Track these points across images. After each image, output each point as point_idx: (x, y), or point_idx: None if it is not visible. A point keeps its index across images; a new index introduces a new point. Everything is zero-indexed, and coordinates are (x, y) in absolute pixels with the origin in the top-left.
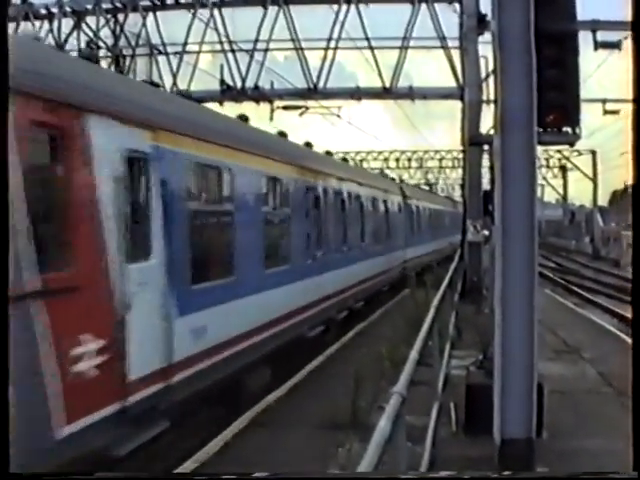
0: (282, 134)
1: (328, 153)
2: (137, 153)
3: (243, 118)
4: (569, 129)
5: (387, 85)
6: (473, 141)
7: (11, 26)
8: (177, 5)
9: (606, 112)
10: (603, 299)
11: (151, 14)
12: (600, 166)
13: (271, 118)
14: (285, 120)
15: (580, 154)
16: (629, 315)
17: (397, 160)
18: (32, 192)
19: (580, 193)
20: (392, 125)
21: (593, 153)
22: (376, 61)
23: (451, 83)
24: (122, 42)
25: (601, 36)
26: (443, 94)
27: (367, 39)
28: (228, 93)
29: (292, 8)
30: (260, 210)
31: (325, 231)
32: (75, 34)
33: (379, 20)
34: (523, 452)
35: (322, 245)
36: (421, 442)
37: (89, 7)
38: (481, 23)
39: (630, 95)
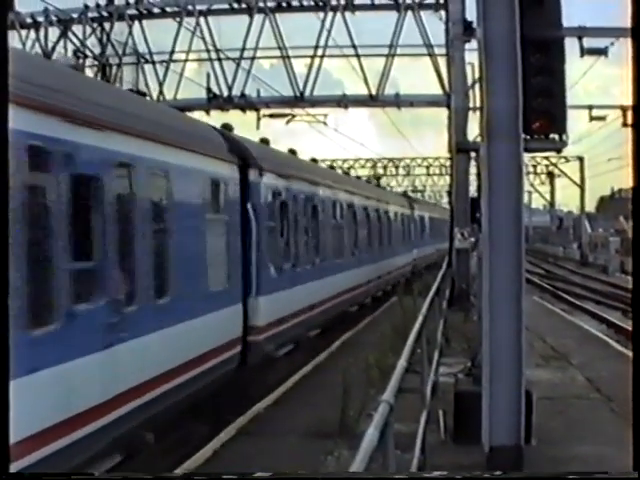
0: None
1: None
2: None
3: None
4: (556, 136)
5: (374, 92)
6: (460, 148)
7: None
8: (163, 14)
9: (592, 118)
10: (591, 305)
11: (137, 23)
12: (587, 172)
13: (257, 126)
14: (272, 128)
15: (567, 160)
16: (616, 321)
17: (384, 168)
18: None
19: (567, 199)
20: (379, 133)
21: (580, 159)
22: (362, 69)
23: (437, 90)
24: (109, 51)
25: (587, 42)
26: (429, 101)
27: (353, 47)
28: (214, 101)
29: (278, 16)
30: None
31: None
32: (62, 43)
33: (365, 28)
34: (512, 459)
35: None
36: (410, 450)
37: (75, 16)
38: (467, 30)
39: (616, 101)
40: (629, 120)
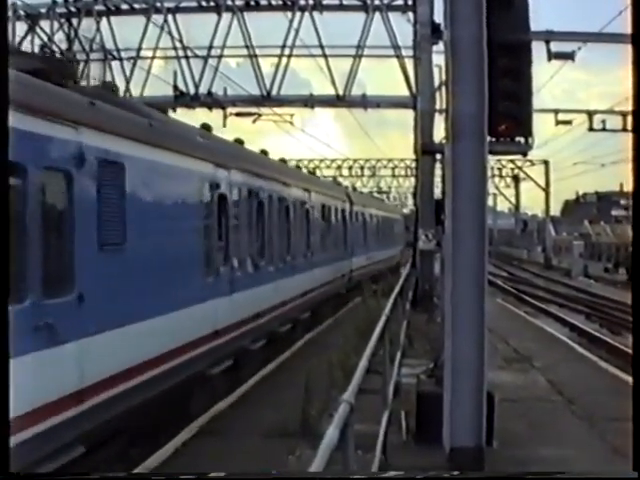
0: None
1: None
2: None
3: None
4: (522, 139)
5: (340, 93)
6: (425, 150)
7: None
8: (131, 10)
9: (558, 122)
10: (554, 308)
11: (105, 19)
12: (552, 176)
13: (224, 125)
14: (238, 127)
15: (532, 164)
16: (579, 324)
17: (350, 168)
18: None
19: (532, 203)
20: (344, 134)
21: (545, 163)
22: (330, 69)
23: (404, 92)
24: (76, 47)
25: (554, 47)
26: (396, 103)
27: (321, 47)
28: (181, 99)
29: (246, 15)
30: None
31: None
32: (29, 38)
33: (333, 28)
34: (473, 460)
35: None
36: (371, 450)
37: (43, 11)
38: (435, 32)
39: (582, 106)
40: (595, 125)
